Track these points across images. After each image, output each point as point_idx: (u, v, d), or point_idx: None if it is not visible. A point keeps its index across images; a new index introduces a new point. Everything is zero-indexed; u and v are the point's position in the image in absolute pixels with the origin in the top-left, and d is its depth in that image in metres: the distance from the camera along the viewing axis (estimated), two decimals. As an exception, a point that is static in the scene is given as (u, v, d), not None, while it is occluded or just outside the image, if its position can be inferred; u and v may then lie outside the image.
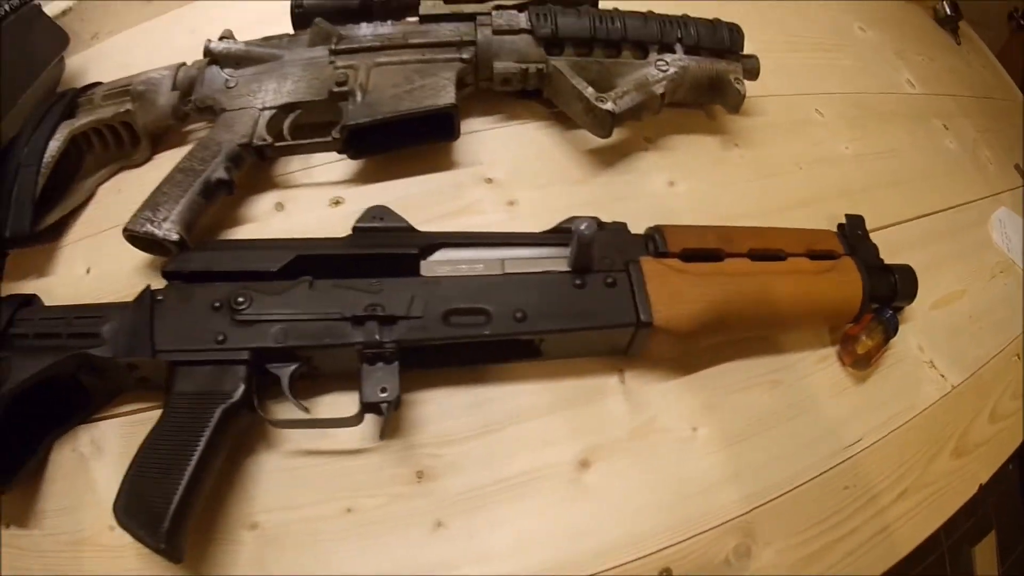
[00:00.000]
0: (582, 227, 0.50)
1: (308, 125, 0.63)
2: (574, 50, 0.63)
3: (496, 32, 0.63)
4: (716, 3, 0.68)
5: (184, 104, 0.65)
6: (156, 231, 0.55)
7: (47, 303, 0.58)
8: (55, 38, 0.76)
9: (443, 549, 0.50)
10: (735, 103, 0.65)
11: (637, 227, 0.57)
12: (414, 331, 0.50)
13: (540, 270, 0.53)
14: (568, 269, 0.53)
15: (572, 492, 0.52)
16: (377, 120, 0.59)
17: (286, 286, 0.52)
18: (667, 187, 0.66)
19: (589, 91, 0.60)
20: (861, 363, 0.60)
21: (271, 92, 0.63)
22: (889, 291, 0.61)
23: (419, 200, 0.61)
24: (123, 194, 0.67)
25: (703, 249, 0.56)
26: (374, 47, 0.63)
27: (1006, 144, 0.85)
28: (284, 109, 0.62)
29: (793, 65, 0.69)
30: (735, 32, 0.66)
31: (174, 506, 0.45)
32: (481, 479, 0.52)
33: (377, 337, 0.50)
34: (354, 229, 0.56)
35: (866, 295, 0.59)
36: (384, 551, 0.50)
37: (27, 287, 0.63)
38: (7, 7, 0.71)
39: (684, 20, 0.65)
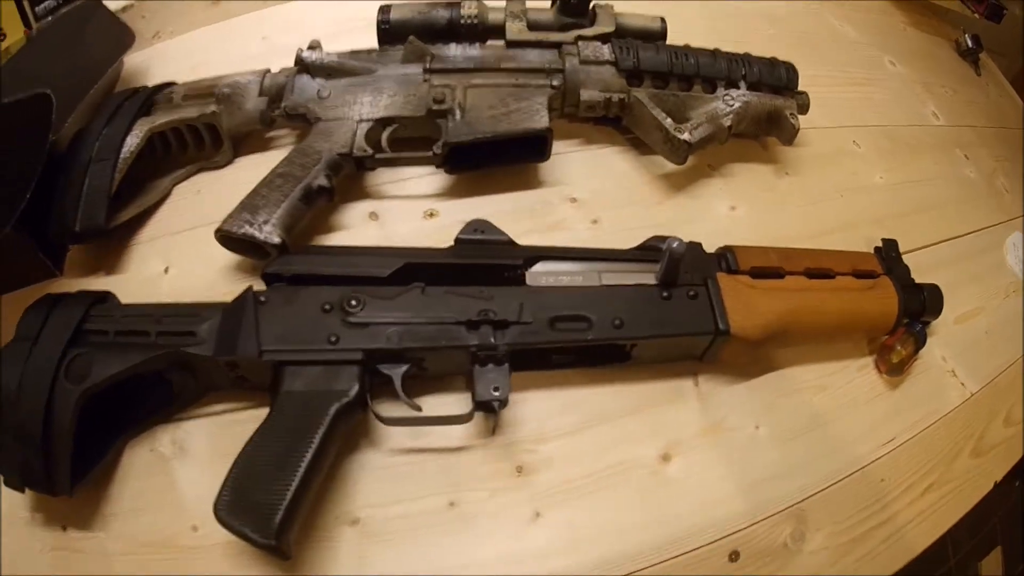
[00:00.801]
0: (674, 245, 0.56)
1: (402, 139, 0.67)
2: (651, 82, 0.69)
3: (583, 62, 0.68)
4: (764, 44, 0.74)
5: (271, 110, 0.67)
6: (257, 233, 0.57)
7: (123, 300, 0.59)
8: (121, 35, 0.78)
9: (541, 537, 0.54)
10: (790, 136, 0.72)
11: (707, 247, 0.63)
12: (524, 335, 0.55)
13: (633, 283, 0.59)
14: (656, 283, 0.59)
15: (655, 483, 0.57)
16: (478, 139, 0.63)
17: (399, 291, 0.56)
18: (729, 211, 0.72)
19: (668, 122, 0.67)
20: (895, 371, 0.67)
21: (367, 105, 0.66)
22: (919, 307, 0.67)
23: (511, 215, 0.66)
24: (202, 195, 0.69)
25: (767, 267, 0.63)
26: (468, 68, 0.67)
27: (1020, 172, 0.92)
28: (381, 122, 0.66)
29: (832, 99, 0.76)
30: (791, 71, 0.73)
31: (286, 503, 0.46)
32: (574, 472, 0.57)
33: (492, 340, 0.54)
34: (457, 240, 0.61)
35: (901, 310, 0.66)
36: (486, 541, 0.54)
37: (95, 284, 0.63)
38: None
39: (747, 58, 0.72)
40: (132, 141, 0.63)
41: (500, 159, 0.67)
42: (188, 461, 0.56)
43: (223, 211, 0.63)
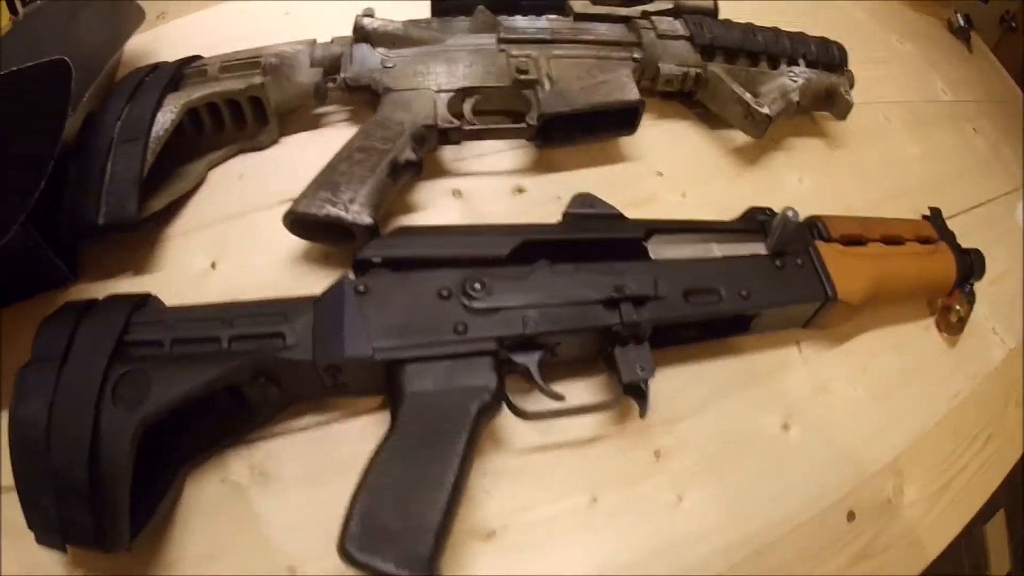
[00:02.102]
0: (789, 214, 0.57)
1: (482, 112, 0.64)
2: (723, 58, 0.70)
3: (660, 36, 0.68)
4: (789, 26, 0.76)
5: (327, 83, 0.62)
6: (343, 214, 0.51)
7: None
8: (127, 13, 0.68)
9: (688, 522, 0.53)
10: (844, 111, 0.75)
11: None
12: (662, 310, 0.52)
13: (748, 253, 0.59)
14: (767, 252, 0.59)
15: (780, 452, 0.58)
16: (574, 110, 0.62)
17: (525, 271, 0.51)
18: (797, 183, 0.75)
19: (748, 96, 0.68)
20: (955, 329, 0.72)
21: (443, 75, 0.63)
22: (968, 270, 0.72)
23: (601, 190, 0.62)
24: (246, 179, 0.62)
25: (852, 235, 0.65)
26: (545, 40, 0.66)
27: (1019, 143, 1.00)
28: (461, 93, 0.63)
29: (861, 77, 0.79)
30: (841, 50, 0.76)
31: (436, 526, 0.40)
32: (709, 450, 0.56)
33: (634, 317, 0.51)
34: (566, 215, 0.57)
35: (959, 274, 0.70)
36: (636, 534, 0.51)
37: (123, 288, 0.53)
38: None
39: (804, 37, 0.74)
40: (165, 118, 0.55)
41: (587, 132, 0.66)
42: (273, 489, 0.48)
43: (272, 196, 0.60)
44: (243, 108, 0.61)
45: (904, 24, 1.02)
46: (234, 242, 0.59)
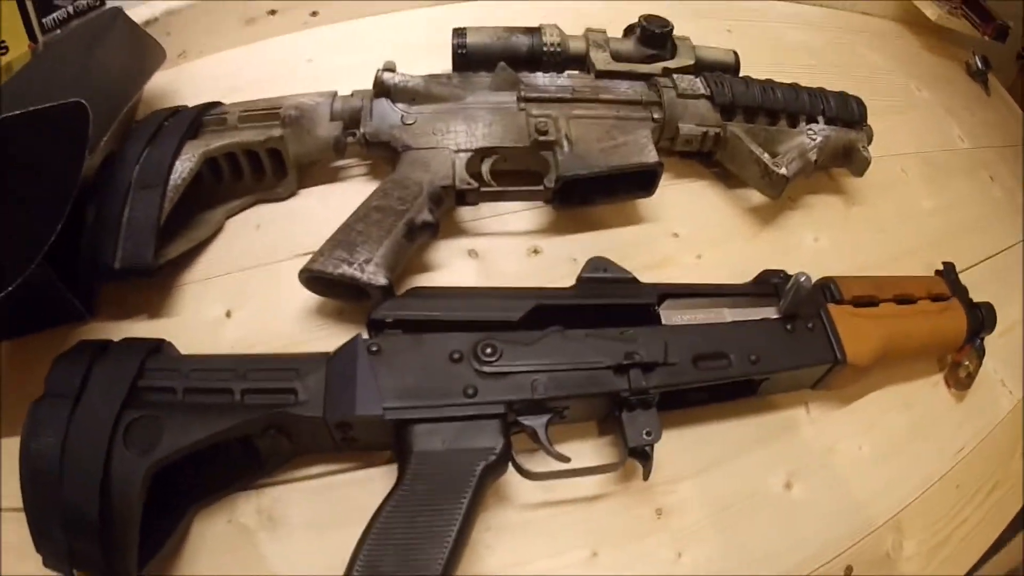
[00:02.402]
0: (802, 279, 0.58)
1: (500, 172, 0.65)
2: (743, 116, 0.71)
3: (680, 95, 0.69)
4: (806, 75, 0.77)
5: (346, 137, 0.62)
6: (358, 274, 0.53)
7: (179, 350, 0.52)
8: (150, 51, 0.69)
9: None
10: (861, 168, 0.76)
11: None
12: (672, 376, 0.54)
13: (758, 317, 0.60)
14: (778, 316, 0.61)
15: (782, 511, 0.59)
16: (594, 173, 0.62)
17: (536, 336, 0.53)
18: (813, 242, 0.76)
19: (766, 156, 0.69)
20: (963, 385, 0.73)
21: (463, 134, 0.63)
22: (979, 324, 0.73)
23: (616, 252, 0.64)
24: (263, 230, 0.64)
25: (865, 296, 0.67)
26: (566, 99, 0.67)
27: None
28: (480, 153, 0.63)
29: (878, 128, 0.80)
30: (860, 104, 0.76)
31: None
32: (711, 509, 0.58)
33: (643, 383, 0.52)
34: (579, 279, 0.59)
35: (969, 330, 0.72)
36: None
37: (136, 330, 0.54)
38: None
39: (823, 93, 0.75)
40: (184, 166, 0.56)
41: (605, 194, 0.67)
42: (279, 534, 0.50)
43: (289, 248, 0.61)
44: (262, 159, 0.62)
45: (922, 69, 1.02)
46: (250, 292, 0.60)
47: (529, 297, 0.55)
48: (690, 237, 0.71)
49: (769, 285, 0.63)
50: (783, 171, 0.68)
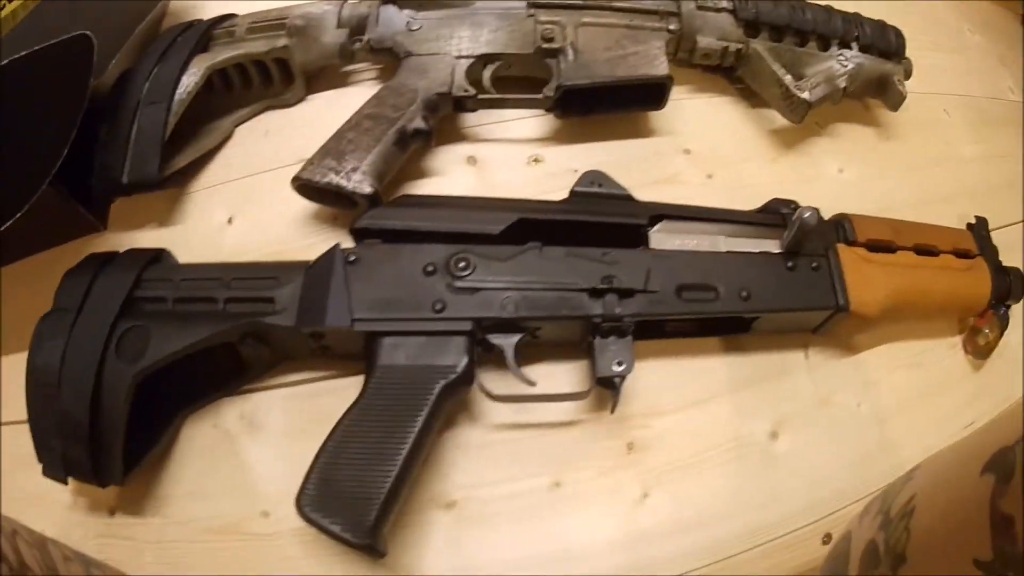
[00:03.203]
0: (806, 215, 0.52)
1: (504, 78, 0.62)
2: (768, 35, 0.65)
3: (700, 8, 0.64)
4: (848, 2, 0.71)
5: (352, 43, 0.62)
6: (344, 183, 0.52)
7: (180, 259, 0.53)
8: None
9: (648, 519, 0.52)
10: (896, 103, 0.69)
11: (820, 210, 0.60)
12: (650, 305, 0.51)
13: (758, 250, 0.55)
14: (780, 251, 0.56)
15: (763, 462, 0.56)
16: (596, 83, 0.59)
17: (513, 251, 0.50)
18: (837, 173, 0.70)
19: (788, 78, 0.63)
20: (981, 354, 0.67)
21: (466, 40, 0.61)
22: (1006, 291, 0.67)
23: (622, 166, 0.61)
24: (271, 136, 0.63)
25: (881, 240, 0.61)
26: (577, 5, 0.63)
27: None
28: (482, 59, 0.61)
29: (922, 64, 0.72)
30: (899, 36, 0.69)
31: (383, 496, 0.42)
32: (686, 450, 0.54)
33: (618, 311, 0.50)
34: (572, 193, 0.56)
35: (993, 294, 0.65)
36: (591, 524, 0.51)
37: (146, 239, 0.57)
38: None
39: (859, 19, 0.68)
40: (189, 80, 0.57)
41: (612, 104, 0.63)
42: (259, 438, 0.51)
43: (294, 154, 0.60)
44: (269, 68, 0.62)
45: (977, 12, 0.93)
46: (253, 199, 0.60)
47: (515, 210, 0.53)
48: (702, 154, 0.66)
49: (777, 215, 0.58)
50: (806, 95, 0.62)
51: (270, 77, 0.63)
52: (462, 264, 0.49)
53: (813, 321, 0.58)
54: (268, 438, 0.51)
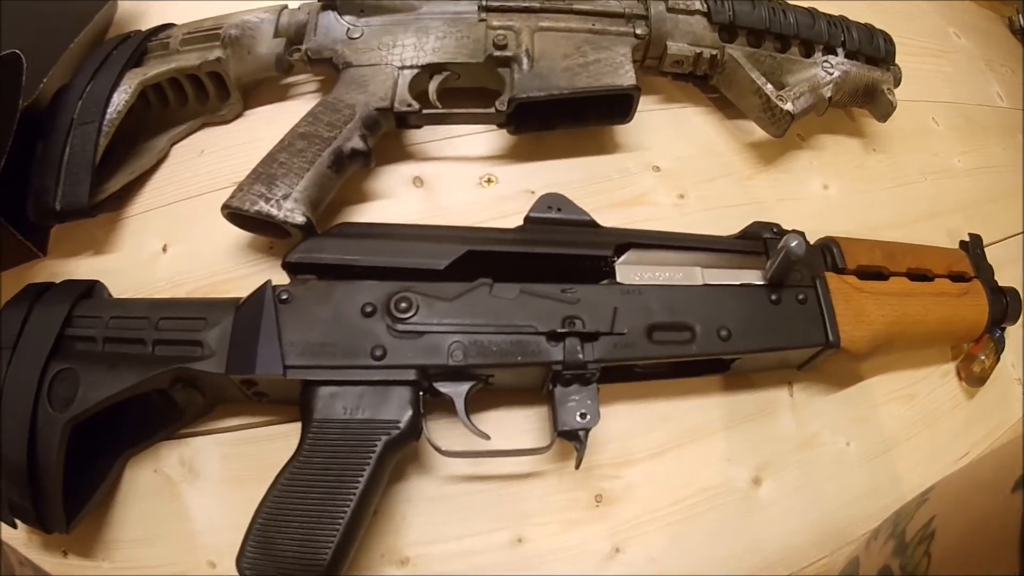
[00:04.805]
0: (792, 244, 0.47)
1: (453, 89, 0.57)
2: (746, 39, 0.60)
3: (671, 10, 0.58)
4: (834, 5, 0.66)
5: (290, 54, 0.57)
6: (274, 211, 0.47)
7: (113, 289, 0.50)
8: None
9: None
10: (885, 113, 0.65)
11: (804, 230, 0.55)
12: (618, 349, 0.46)
13: (738, 283, 0.50)
14: (763, 282, 0.51)
15: (745, 510, 0.52)
16: (553, 95, 0.53)
17: (460, 289, 0.46)
18: (822, 190, 0.65)
19: (769, 88, 0.58)
20: (976, 382, 0.63)
21: (411, 48, 0.55)
22: (1001, 313, 0.63)
23: (584, 186, 0.57)
24: (207, 155, 0.59)
25: (873, 266, 0.56)
26: (534, 8, 0.57)
27: None
28: (428, 69, 0.55)
29: (912, 69, 0.68)
30: (888, 41, 0.65)
31: (328, 559, 0.39)
32: (661, 501, 0.50)
33: (580, 356, 0.44)
34: (527, 219, 0.51)
35: (990, 319, 0.61)
36: None
37: (83, 266, 0.54)
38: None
39: (845, 22, 0.63)
40: (120, 98, 0.54)
41: (573, 118, 0.58)
42: (199, 485, 0.48)
43: (232, 174, 0.56)
44: (204, 82, 0.58)
45: (964, 17, 0.89)
46: (187, 224, 0.56)
47: (461, 240, 0.48)
48: (673, 172, 0.61)
49: (758, 241, 0.53)
50: (788, 106, 0.57)
51: (206, 92, 0.59)
52: (403, 305, 0.44)
53: (799, 358, 0.53)
54: (207, 486, 0.48)
